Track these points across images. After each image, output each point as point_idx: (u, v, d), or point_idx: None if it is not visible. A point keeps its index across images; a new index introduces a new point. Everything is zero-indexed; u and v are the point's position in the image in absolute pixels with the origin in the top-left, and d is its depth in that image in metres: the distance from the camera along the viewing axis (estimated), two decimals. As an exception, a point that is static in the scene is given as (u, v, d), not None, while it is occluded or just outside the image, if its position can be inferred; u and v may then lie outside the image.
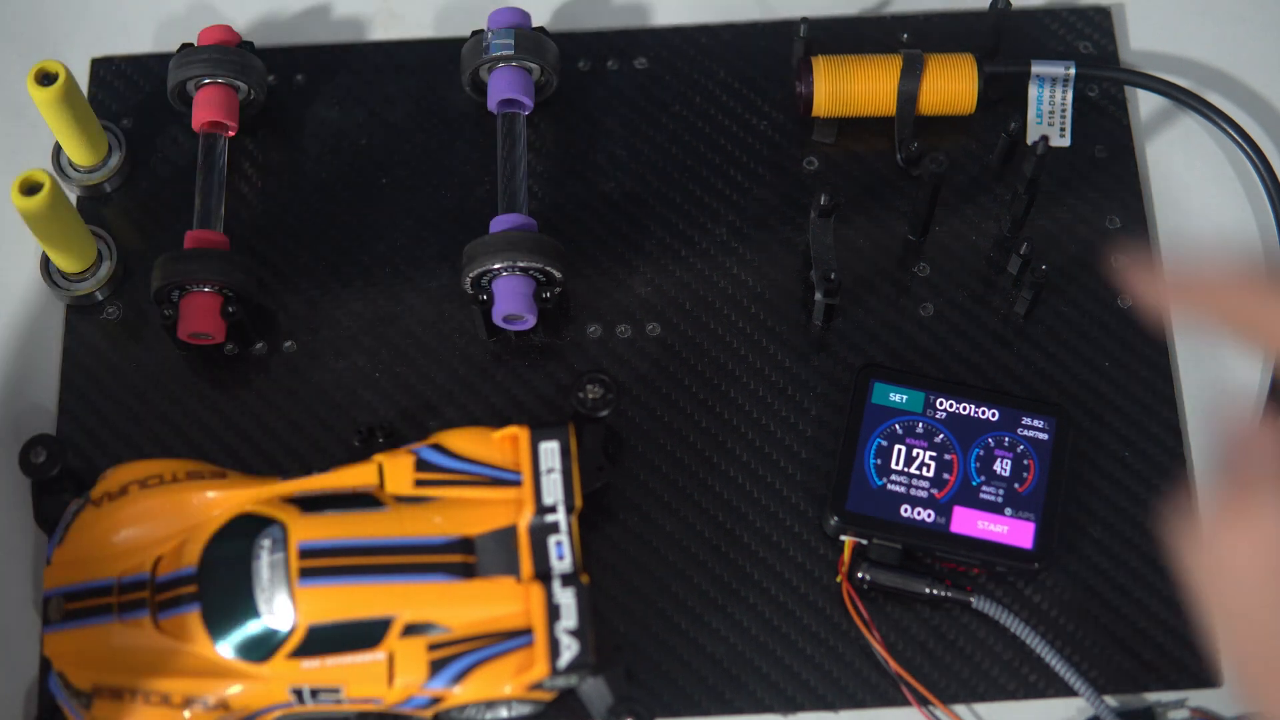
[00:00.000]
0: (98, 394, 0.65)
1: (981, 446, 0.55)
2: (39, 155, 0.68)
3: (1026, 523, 0.55)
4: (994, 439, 0.56)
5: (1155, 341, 0.64)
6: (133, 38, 0.72)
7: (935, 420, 0.56)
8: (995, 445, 0.56)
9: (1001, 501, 0.55)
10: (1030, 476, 0.55)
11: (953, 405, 0.56)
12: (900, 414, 0.56)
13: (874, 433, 0.56)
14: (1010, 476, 0.55)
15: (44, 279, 0.66)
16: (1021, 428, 0.56)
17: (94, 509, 0.59)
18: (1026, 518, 0.55)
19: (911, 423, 0.56)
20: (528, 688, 0.56)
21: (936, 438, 0.55)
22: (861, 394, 0.57)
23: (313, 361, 0.65)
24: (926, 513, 0.55)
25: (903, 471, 0.55)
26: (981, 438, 0.56)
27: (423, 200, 0.68)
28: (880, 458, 0.56)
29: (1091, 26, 0.70)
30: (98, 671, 0.56)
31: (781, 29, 0.71)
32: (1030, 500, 0.55)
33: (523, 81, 0.66)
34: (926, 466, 0.55)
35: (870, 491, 0.56)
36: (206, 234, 0.64)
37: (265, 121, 0.69)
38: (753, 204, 0.67)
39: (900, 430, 0.56)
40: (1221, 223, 0.67)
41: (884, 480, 0.56)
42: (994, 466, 0.55)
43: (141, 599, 0.57)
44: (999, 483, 0.55)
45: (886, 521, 0.56)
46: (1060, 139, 0.67)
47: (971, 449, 0.55)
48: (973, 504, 0.55)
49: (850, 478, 0.56)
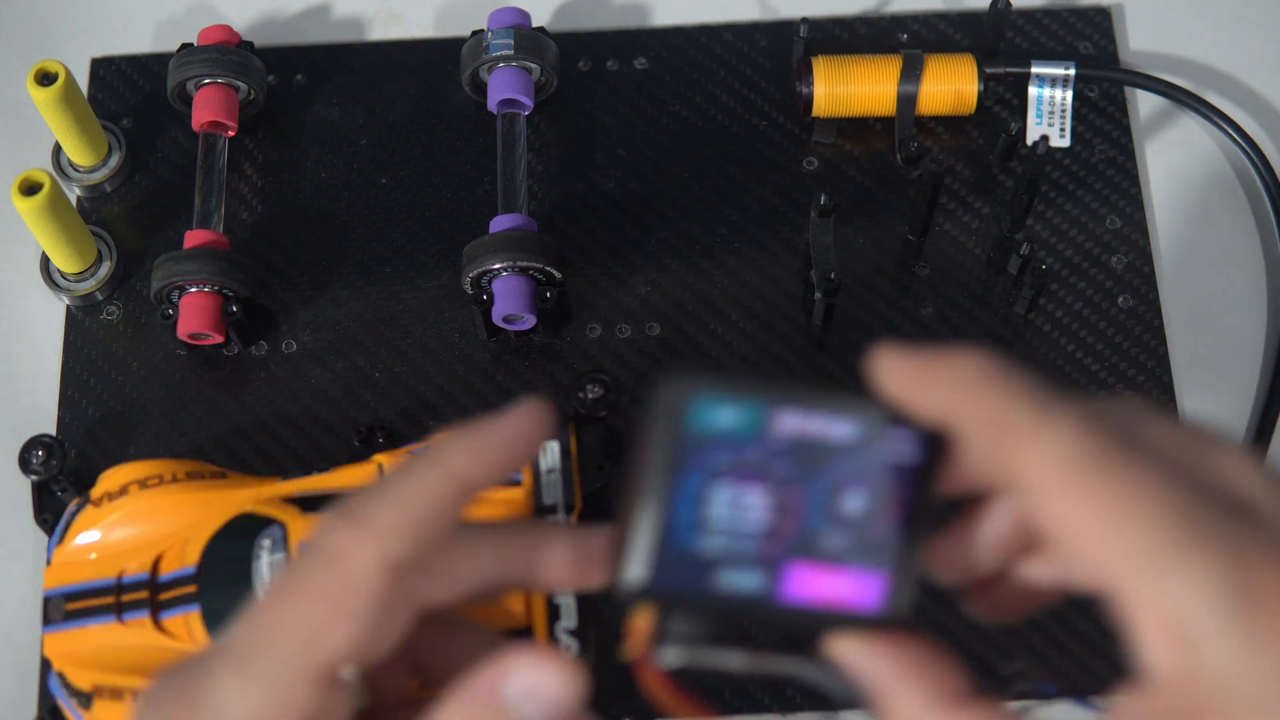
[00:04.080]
0: (98, 394, 0.65)
1: (831, 475, 0.38)
2: (39, 155, 0.68)
3: (874, 574, 0.38)
4: (848, 463, 0.38)
5: (1155, 343, 0.65)
6: (133, 38, 0.72)
7: (774, 446, 0.38)
8: (849, 471, 0.38)
9: (847, 549, 0.38)
10: (889, 513, 0.38)
11: (800, 420, 0.38)
12: (727, 441, 0.38)
13: (688, 473, 0.37)
14: (864, 515, 0.38)
15: (44, 279, 0.66)
16: (886, 445, 0.38)
17: (94, 509, 0.59)
18: (876, 566, 0.38)
19: (741, 452, 0.38)
20: None
21: (773, 469, 0.38)
22: (672, 418, 0.37)
23: (313, 361, 0.65)
24: (750, 578, 0.38)
25: (725, 523, 0.38)
26: (832, 463, 0.38)
27: (423, 200, 0.68)
28: (695, 506, 0.38)
29: (1091, 27, 0.70)
30: (98, 671, 0.56)
31: (781, 29, 0.71)
32: (884, 544, 0.38)
33: (523, 81, 0.66)
34: (757, 512, 0.38)
35: (678, 555, 0.38)
36: (206, 234, 0.64)
37: (265, 121, 0.69)
38: (753, 204, 0.67)
39: (725, 464, 0.38)
40: (1221, 223, 0.67)
41: (698, 537, 0.38)
42: (844, 501, 0.38)
43: (142, 599, 0.56)
44: (847, 524, 0.38)
45: (698, 595, 0.38)
46: (1060, 139, 0.67)
47: (816, 482, 0.38)
48: (811, 556, 0.39)
49: (651, 536, 0.37)
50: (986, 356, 0.35)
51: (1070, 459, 0.32)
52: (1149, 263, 0.66)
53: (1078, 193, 0.67)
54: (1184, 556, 0.31)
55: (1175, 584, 0.30)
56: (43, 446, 0.60)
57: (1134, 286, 0.65)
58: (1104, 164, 0.68)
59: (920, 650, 0.36)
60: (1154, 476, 0.32)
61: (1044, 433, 0.33)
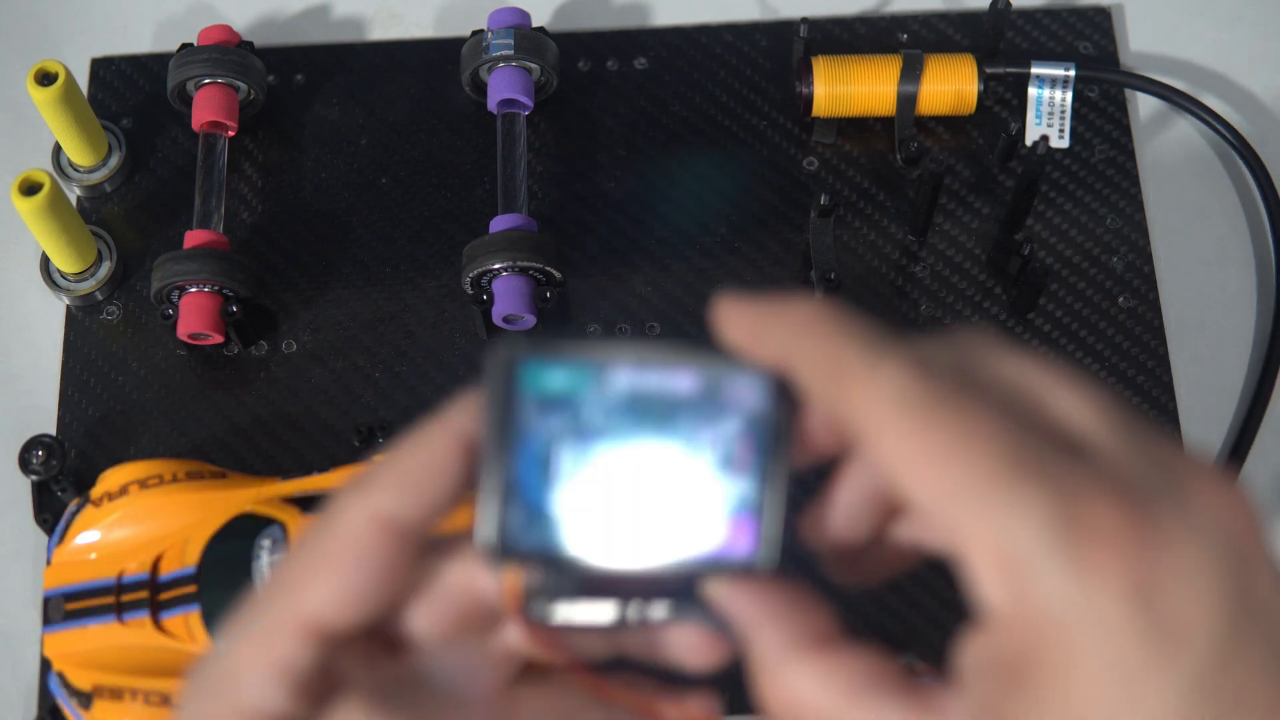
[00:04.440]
0: (98, 394, 0.65)
1: (674, 431, 0.39)
2: (39, 155, 0.68)
3: (743, 521, 0.39)
4: (690, 419, 0.39)
5: (1155, 343, 0.65)
6: (133, 38, 0.72)
7: (611, 402, 0.39)
8: (693, 426, 0.39)
9: (707, 499, 0.39)
10: (741, 461, 0.39)
11: (632, 381, 0.39)
12: (563, 402, 0.39)
13: (528, 436, 0.38)
14: (715, 464, 0.39)
15: (44, 279, 0.66)
16: (728, 397, 0.39)
17: (94, 509, 0.59)
18: (742, 515, 0.39)
19: (580, 412, 0.39)
20: None
21: (614, 428, 0.39)
22: (505, 385, 0.39)
23: (313, 361, 0.65)
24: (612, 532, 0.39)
25: (574, 482, 0.39)
26: (674, 419, 0.39)
27: (423, 200, 0.68)
28: (540, 468, 0.39)
29: (1091, 27, 0.70)
30: (98, 671, 0.56)
31: (781, 29, 0.71)
32: (744, 492, 0.39)
33: (523, 81, 0.66)
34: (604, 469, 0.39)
35: (532, 517, 0.39)
36: (206, 234, 0.64)
37: (265, 121, 0.69)
38: (753, 204, 0.67)
39: (565, 425, 0.39)
40: (1217, 224, 0.67)
41: (548, 499, 0.39)
42: (693, 454, 0.39)
43: (142, 599, 0.57)
44: (701, 475, 0.39)
45: (557, 556, 0.39)
46: (1059, 139, 0.67)
47: (661, 436, 0.39)
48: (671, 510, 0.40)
49: (504, 501, 0.38)
50: (821, 302, 0.35)
51: (900, 400, 0.32)
52: (1148, 263, 0.66)
53: (1077, 193, 0.67)
54: (1011, 489, 0.30)
55: (1002, 517, 0.30)
56: (43, 446, 0.60)
57: (1134, 286, 0.65)
58: (1103, 164, 0.68)
59: (787, 593, 0.36)
60: (983, 414, 0.31)
61: (875, 375, 0.33)
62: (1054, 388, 0.33)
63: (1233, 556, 0.31)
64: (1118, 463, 0.31)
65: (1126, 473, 0.31)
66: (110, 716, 0.55)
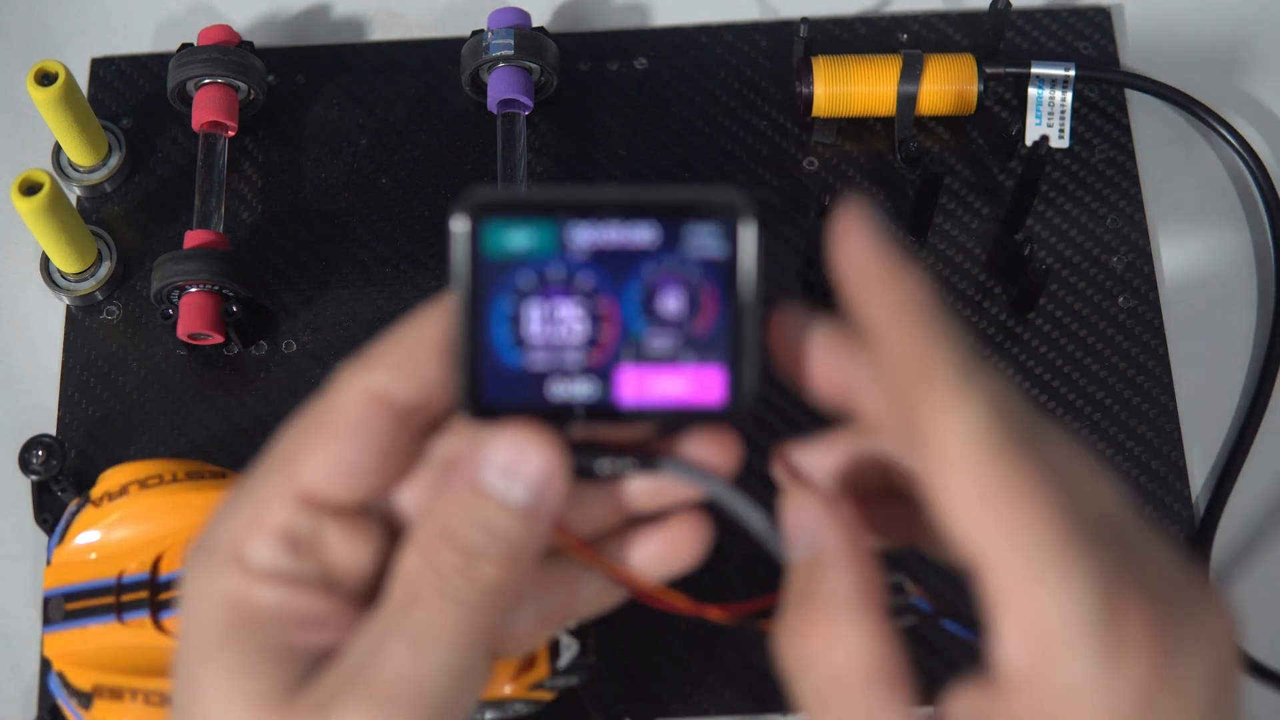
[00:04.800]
0: (98, 394, 0.65)
1: (640, 281, 0.40)
2: (39, 155, 0.68)
3: (712, 369, 0.40)
4: (656, 266, 0.40)
5: (1155, 343, 0.65)
6: (133, 38, 0.72)
7: (574, 259, 0.40)
8: (658, 275, 0.40)
9: (677, 349, 0.40)
10: (710, 307, 0.40)
11: (595, 232, 0.40)
12: (526, 261, 0.40)
13: (496, 295, 0.39)
14: (684, 313, 0.40)
15: (44, 279, 0.66)
16: (689, 245, 0.40)
17: (94, 509, 0.58)
18: (712, 363, 0.40)
19: (541, 268, 0.40)
20: (528, 688, 0.56)
21: (579, 281, 0.40)
22: (467, 246, 0.40)
23: (313, 361, 0.65)
24: (585, 385, 0.40)
25: (543, 338, 0.40)
26: (639, 268, 0.40)
27: (423, 200, 0.68)
28: (509, 325, 0.40)
29: (1091, 27, 0.70)
30: (98, 671, 0.56)
31: (781, 29, 0.71)
32: (714, 339, 0.40)
33: (523, 81, 0.66)
34: (573, 324, 0.40)
35: (507, 374, 0.40)
36: (206, 234, 0.64)
37: (265, 121, 0.69)
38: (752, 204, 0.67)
39: (530, 283, 0.40)
40: (1217, 224, 0.67)
41: (521, 354, 0.40)
42: (660, 304, 0.40)
43: (142, 599, 0.56)
44: (670, 325, 0.40)
45: (535, 407, 0.40)
46: (1059, 140, 0.67)
47: (627, 287, 0.40)
48: (640, 360, 0.40)
49: (478, 360, 0.40)
50: (933, 290, 0.36)
51: (978, 438, 0.33)
52: (1149, 263, 0.66)
53: (1077, 193, 0.67)
54: (1064, 565, 0.31)
55: (1050, 589, 0.31)
56: (43, 446, 0.60)
57: (1134, 286, 0.65)
58: (1103, 164, 0.68)
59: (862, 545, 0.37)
60: (1050, 480, 0.32)
61: (962, 403, 0.33)
62: (1093, 469, 0.34)
63: (1224, 670, 0.33)
64: (1150, 562, 0.33)
65: (1156, 575, 0.33)
66: (110, 716, 0.55)
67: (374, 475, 0.38)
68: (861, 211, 0.37)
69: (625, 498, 0.41)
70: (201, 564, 0.37)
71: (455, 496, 0.37)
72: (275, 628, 0.36)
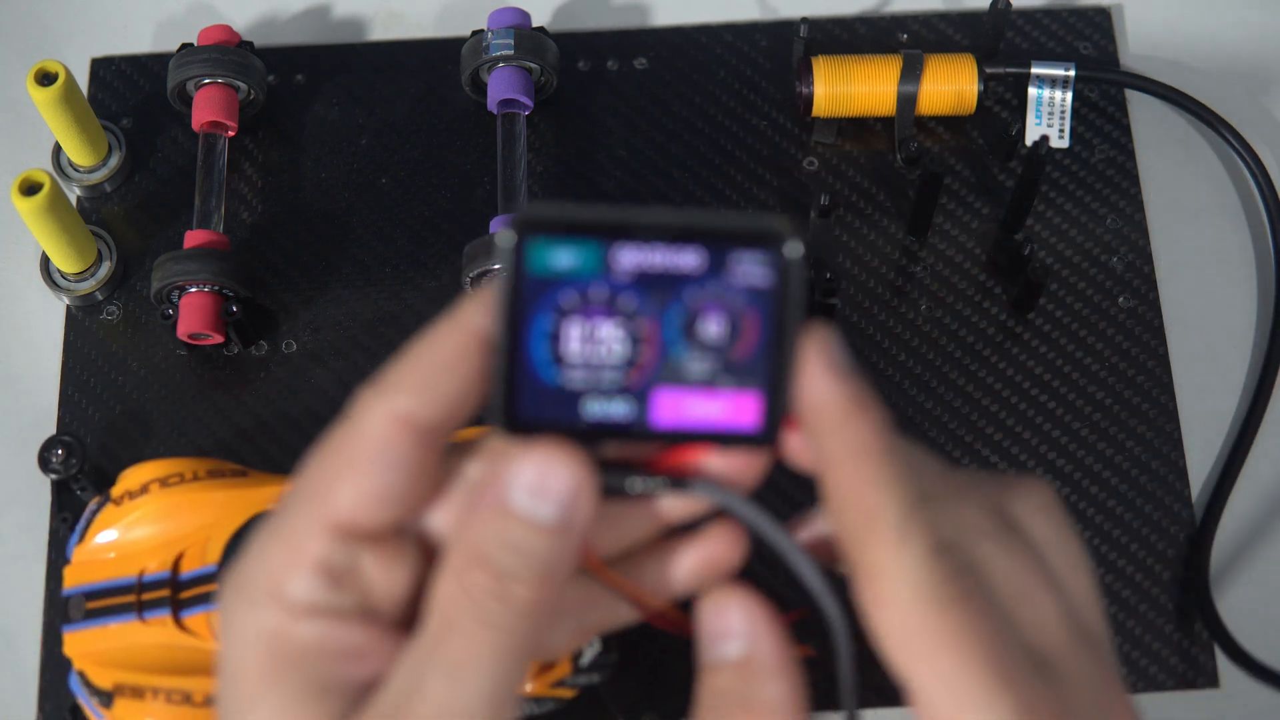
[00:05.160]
0: (98, 394, 0.64)
1: (682, 304, 0.40)
2: (39, 155, 0.68)
3: (748, 395, 0.41)
4: (698, 292, 0.40)
5: (1155, 343, 0.65)
6: (133, 38, 0.72)
7: (618, 280, 0.40)
8: (701, 300, 0.40)
9: (714, 374, 0.41)
10: (750, 334, 0.40)
11: (641, 255, 0.40)
12: (570, 280, 0.40)
13: (537, 312, 0.40)
14: (723, 338, 0.40)
15: (44, 279, 0.66)
16: (734, 272, 0.40)
17: (114, 507, 0.58)
18: (748, 389, 0.40)
19: (586, 289, 0.40)
20: (550, 685, 0.56)
21: (621, 302, 0.40)
22: (512, 263, 0.39)
23: (313, 361, 0.65)
24: (620, 406, 0.41)
25: (582, 357, 0.40)
26: (681, 292, 0.40)
27: (423, 200, 0.68)
28: (549, 343, 0.40)
29: (1091, 27, 0.70)
30: (119, 670, 0.56)
31: (781, 29, 0.70)
32: (752, 365, 0.40)
33: (523, 81, 0.66)
34: (612, 344, 0.40)
35: (544, 391, 0.40)
36: (206, 234, 0.64)
37: (265, 121, 0.69)
38: (752, 204, 0.67)
39: (572, 302, 0.40)
40: (1217, 223, 0.67)
41: (558, 372, 0.40)
42: (700, 328, 0.41)
43: (163, 597, 0.56)
44: (709, 349, 0.41)
45: (570, 426, 0.41)
46: (1059, 140, 0.67)
47: (669, 310, 0.40)
48: (677, 382, 0.41)
49: (516, 377, 0.40)
50: (887, 429, 0.38)
51: (917, 583, 0.37)
52: (1148, 263, 0.66)
53: (1077, 193, 0.67)
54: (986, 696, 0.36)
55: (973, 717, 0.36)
56: (63, 445, 0.60)
57: (1134, 286, 0.65)
58: (1103, 164, 0.68)
59: None
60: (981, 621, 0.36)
61: (902, 546, 0.37)
62: (1041, 594, 0.38)
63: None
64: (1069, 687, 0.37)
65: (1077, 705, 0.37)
66: (132, 715, 0.55)
67: (405, 498, 0.38)
68: (826, 340, 0.39)
69: (661, 512, 0.42)
70: (240, 603, 0.37)
71: (484, 518, 0.37)
72: (318, 663, 0.36)
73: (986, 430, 0.63)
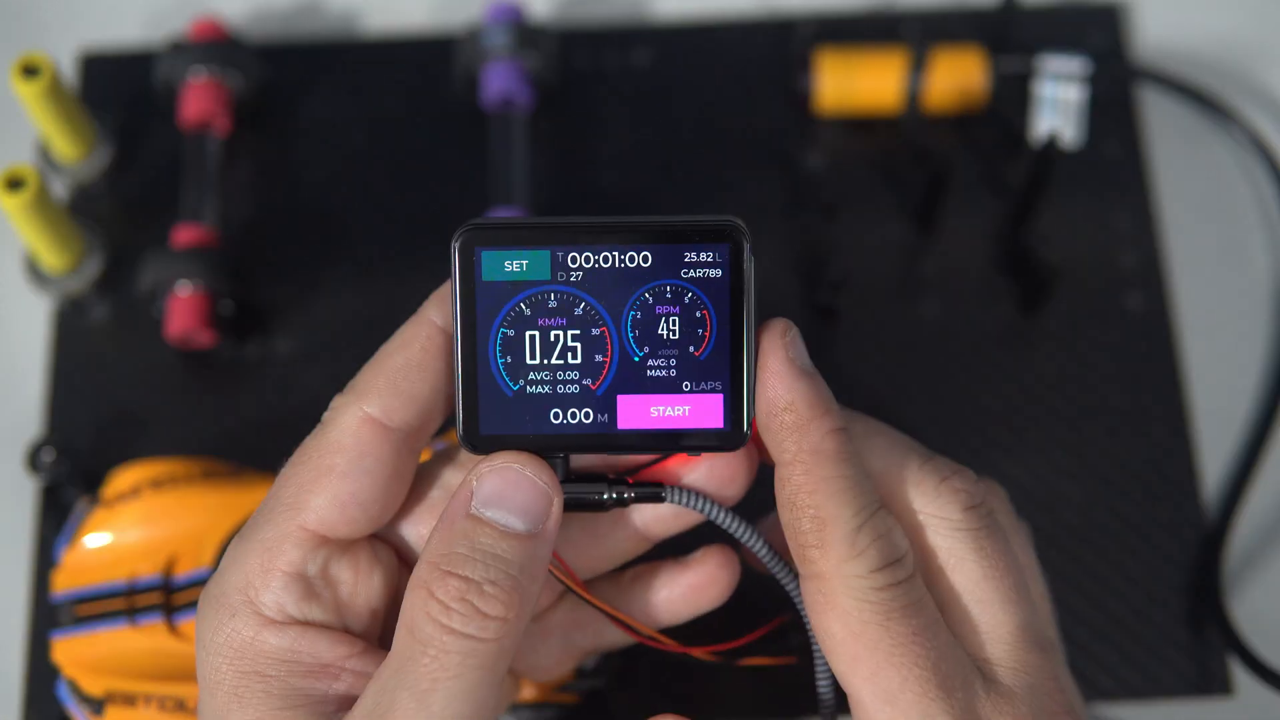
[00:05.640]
0: (86, 394, 0.63)
1: (637, 307, 0.40)
2: (24, 150, 0.67)
3: (711, 395, 0.41)
4: (651, 292, 0.40)
5: (1166, 342, 0.64)
6: (122, 32, 0.71)
7: (570, 285, 0.40)
8: (655, 301, 0.40)
9: (676, 375, 0.41)
10: (707, 332, 0.41)
11: (590, 259, 0.40)
12: (523, 287, 0.40)
13: (493, 322, 0.40)
14: (681, 338, 0.41)
15: (30, 277, 0.64)
16: (685, 268, 0.40)
17: (104, 509, 0.57)
18: (710, 389, 0.41)
19: (540, 295, 0.40)
20: (551, 691, 0.55)
21: (577, 308, 0.40)
22: (467, 273, 0.40)
23: (307, 360, 0.64)
24: (585, 412, 0.41)
25: (542, 365, 0.41)
26: (635, 295, 0.40)
27: (418, 197, 0.67)
28: (508, 354, 0.40)
29: (1101, 24, 0.70)
30: (110, 677, 0.55)
31: (783, 28, 0.70)
32: (712, 364, 0.41)
33: (519, 77, 0.65)
34: (571, 351, 0.41)
35: (505, 402, 0.40)
36: (196, 231, 0.63)
37: (256, 118, 0.68)
38: (753, 203, 0.66)
39: (527, 310, 0.40)
40: (1229, 221, 0.67)
41: (520, 383, 0.40)
42: (658, 330, 0.41)
43: (156, 602, 0.55)
44: (668, 351, 0.41)
45: (535, 437, 0.41)
46: (1070, 136, 0.67)
47: (625, 313, 0.40)
48: (640, 387, 0.41)
49: (476, 390, 0.40)
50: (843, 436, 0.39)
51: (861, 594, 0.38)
52: (1160, 261, 0.65)
53: (1088, 190, 0.66)
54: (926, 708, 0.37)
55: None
56: (53, 447, 0.59)
57: (1144, 285, 0.65)
58: (1114, 162, 0.67)
59: None
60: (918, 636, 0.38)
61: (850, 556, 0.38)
62: (994, 599, 0.39)
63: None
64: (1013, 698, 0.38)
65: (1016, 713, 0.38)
66: (123, 723, 0.54)
67: (379, 504, 0.38)
68: (784, 338, 0.39)
69: (642, 528, 0.42)
70: (215, 613, 0.38)
71: (450, 528, 0.37)
72: (290, 676, 0.37)
73: (994, 432, 0.62)
